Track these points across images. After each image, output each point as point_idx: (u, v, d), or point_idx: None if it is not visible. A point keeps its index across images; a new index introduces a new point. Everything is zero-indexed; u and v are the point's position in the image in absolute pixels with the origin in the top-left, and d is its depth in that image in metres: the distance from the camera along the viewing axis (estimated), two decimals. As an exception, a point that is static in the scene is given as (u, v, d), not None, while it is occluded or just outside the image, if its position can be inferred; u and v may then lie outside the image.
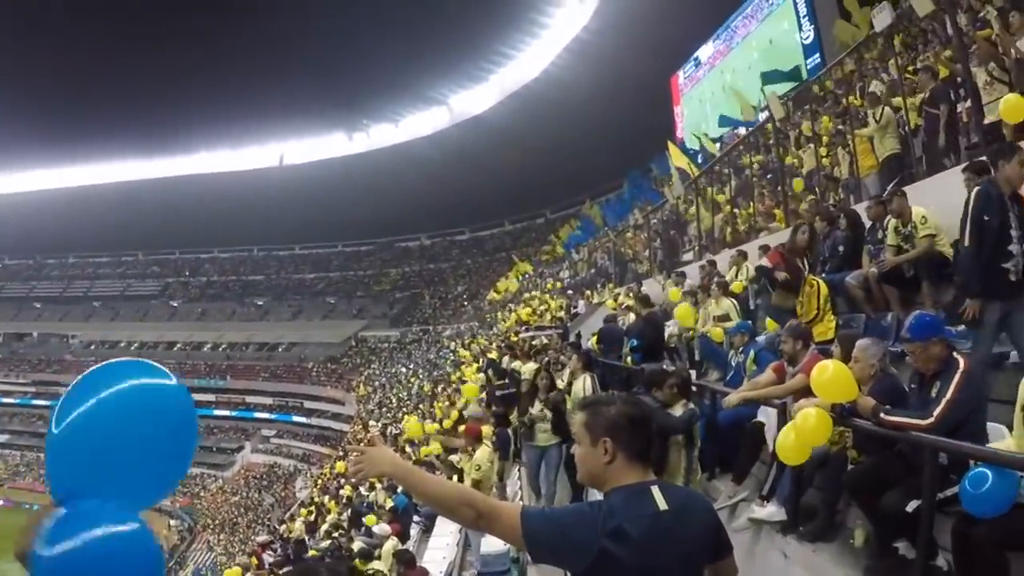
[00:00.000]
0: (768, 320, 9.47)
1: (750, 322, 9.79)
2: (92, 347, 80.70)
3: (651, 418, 2.69)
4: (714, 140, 28.19)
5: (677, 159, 24.01)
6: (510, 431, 11.27)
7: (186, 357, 76.04)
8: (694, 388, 7.32)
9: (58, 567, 1.63)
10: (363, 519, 16.97)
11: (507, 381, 14.17)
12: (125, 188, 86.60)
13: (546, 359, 14.94)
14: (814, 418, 4.77)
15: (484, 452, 9.70)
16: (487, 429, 10.67)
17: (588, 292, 26.85)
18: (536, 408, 9.62)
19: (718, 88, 40.24)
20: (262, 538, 29.31)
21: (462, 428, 12.97)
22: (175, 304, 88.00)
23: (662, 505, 2.50)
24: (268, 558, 23.66)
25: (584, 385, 9.44)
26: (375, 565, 11.66)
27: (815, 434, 4.81)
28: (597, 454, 2.57)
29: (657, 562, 2.47)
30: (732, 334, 9.32)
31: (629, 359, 11.59)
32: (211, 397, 69.50)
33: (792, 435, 4.93)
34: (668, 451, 6.35)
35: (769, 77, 25.26)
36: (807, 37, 32.23)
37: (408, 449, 23.71)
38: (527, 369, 15.01)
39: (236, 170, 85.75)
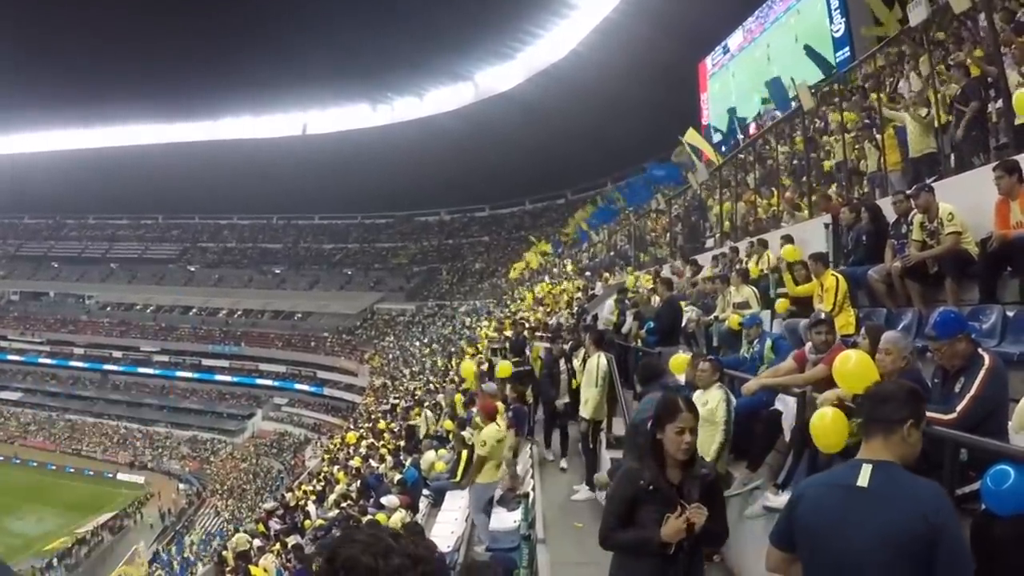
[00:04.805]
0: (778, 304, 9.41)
1: (763, 315, 9.78)
2: (108, 309, 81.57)
3: (885, 397, 2.78)
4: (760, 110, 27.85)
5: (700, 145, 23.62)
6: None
7: (201, 322, 76.94)
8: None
9: None
10: (372, 491, 17.02)
11: (522, 358, 14.14)
12: (148, 151, 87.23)
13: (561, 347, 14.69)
14: (828, 419, 4.69)
15: (491, 430, 9.46)
16: (501, 407, 10.45)
17: (606, 274, 26.75)
18: None
19: (746, 73, 39.94)
20: (268, 505, 29.55)
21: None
22: (192, 269, 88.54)
23: (861, 482, 2.51)
24: (275, 525, 23.84)
25: (599, 363, 9.47)
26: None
27: (827, 436, 4.74)
28: None
29: (834, 533, 2.50)
30: (746, 326, 9.33)
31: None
32: (224, 363, 70.26)
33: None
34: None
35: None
36: (838, 30, 31.82)
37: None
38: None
39: (259, 137, 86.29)
